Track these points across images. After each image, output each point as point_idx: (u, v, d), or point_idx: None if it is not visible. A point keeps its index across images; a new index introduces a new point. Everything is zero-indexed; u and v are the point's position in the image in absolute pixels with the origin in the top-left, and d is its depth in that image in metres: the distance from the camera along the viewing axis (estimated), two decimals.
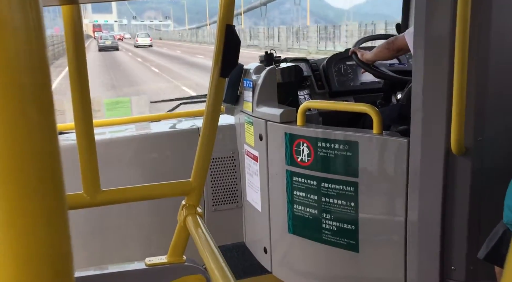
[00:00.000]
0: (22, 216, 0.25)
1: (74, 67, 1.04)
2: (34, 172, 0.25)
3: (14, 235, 0.25)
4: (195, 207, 1.18)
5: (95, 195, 1.10)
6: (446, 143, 1.12)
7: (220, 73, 1.11)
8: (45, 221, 0.26)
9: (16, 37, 0.23)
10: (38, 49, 0.24)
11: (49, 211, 0.26)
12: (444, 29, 1.09)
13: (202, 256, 0.98)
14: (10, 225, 0.24)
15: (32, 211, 0.25)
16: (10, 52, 0.23)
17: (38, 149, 0.25)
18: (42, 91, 0.25)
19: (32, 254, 0.25)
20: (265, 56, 1.94)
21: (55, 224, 0.26)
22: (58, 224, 0.26)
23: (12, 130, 0.24)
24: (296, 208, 1.56)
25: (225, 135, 1.94)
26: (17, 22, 0.23)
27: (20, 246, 0.25)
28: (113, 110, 2.84)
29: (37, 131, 0.25)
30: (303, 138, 1.49)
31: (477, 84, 1.09)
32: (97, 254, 1.91)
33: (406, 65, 2.15)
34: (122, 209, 1.82)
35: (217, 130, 1.17)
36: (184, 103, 2.46)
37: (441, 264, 1.21)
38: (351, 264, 1.47)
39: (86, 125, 1.07)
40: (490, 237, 0.98)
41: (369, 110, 1.36)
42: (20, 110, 0.24)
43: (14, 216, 0.24)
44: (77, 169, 1.08)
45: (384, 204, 1.36)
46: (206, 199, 1.97)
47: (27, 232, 0.25)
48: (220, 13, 1.07)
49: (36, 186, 0.25)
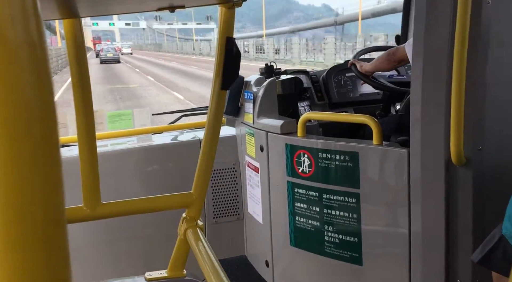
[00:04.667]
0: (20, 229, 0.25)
1: (77, 80, 1.05)
2: (34, 185, 0.25)
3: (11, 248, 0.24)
4: (196, 220, 1.17)
5: (95, 208, 1.09)
6: (446, 153, 1.12)
7: (221, 85, 1.11)
8: (43, 234, 0.25)
9: (18, 52, 0.23)
10: (40, 63, 0.25)
11: (47, 224, 0.26)
12: (443, 40, 1.10)
13: (203, 270, 0.97)
14: (7, 236, 0.24)
15: (31, 223, 0.25)
16: (12, 67, 0.24)
17: (40, 162, 0.25)
18: (45, 105, 0.25)
19: (29, 267, 0.25)
20: (265, 68, 1.95)
21: (53, 237, 0.26)
22: (56, 237, 0.26)
23: (14, 143, 0.24)
24: (298, 220, 1.55)
25: (226, 147, 1.94)
26: (19, 37, 0.23)
27: (17, 259, 0.25)
28: (115, 123, 2.85)
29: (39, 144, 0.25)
30: (304, 149, 1.49)
31: (476, 94, 1.09)
32: (96, 267, 1.89)
33: (405, 76, 2.16)
34: (122, 222, 1.81)
35: (218, 142, 1.17)
36: (186, 115, 2.47)
37: (446, 276, 1.20)
38: (354, 277, 1.45)
39: (88, 138, 1.08)
40: (486, 241, 0.97)
41: (368, 121, 1.37)
42: (23, 124, 0.24)
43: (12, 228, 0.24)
44: (77, 181, 1.08)
45: (386, 215, 1.35)
46: (207, 211, 1.96)
47: (24, 245, 0.25)
48: (220, 26, 1.09)
49: (36, 198, 0.25)
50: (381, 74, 2.03)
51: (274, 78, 1.80)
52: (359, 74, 1.89)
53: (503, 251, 0.92)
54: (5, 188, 0.24)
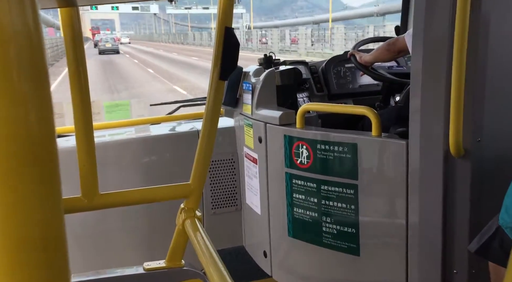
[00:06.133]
0: (18, 219, 0.24)
1: (73, 70, 1.04)
2: (31, 175, 0.25)
3: (9, 238, 0.24)
4: (194, 210, 1.17)
5: (93, 198, 1.09)
6: (445, 144, 1.12)
7: (220, 76, 1.11)
8: (41, 224, 0.25)
9: (15, 40, 0.23)
10: (36, 52, 0.24)
11: (45, 214, 0.26)
12: (443, 30, 1.09)
13: (201, 260, 0.97)
14: (4, 227, 0.24)
15: (28, 214, 0.25)
16: (9, 55, 0.23)
17: (36, 152, 0.25)
18: (41, 94, 0.25)
19: (28, 257, 0.25)
20: (264, 58, 1.94)
21: (51, 228, 0.26)
22: (54, 227, 0.26)
23: (10, 133, 0.24)
24: (296, 211, 1.56)
25: (225, 138, 1.93)
26: (16, 25, 0.23)
27: (15, 249, 0.24)
28: (113, 113, 2.84)
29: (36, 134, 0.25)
30: (302, 140, 1.49)
31: (476, 85, 1.09)
32: (95, 258, 1.90)
33: (405, 67, 2.15)
34: (120, 212, 1.82)
35: (217, 132, 1.17)
36: (184, 106, 2.46)
37: (443, 267, 1.21)
38: (352, 268, 1.46)
39: (85, 128, 1.07)
40: (483, 231, 0.98)
41: (367, 113, 1.36)
42: (19, 113, 0.24)
43: (10, 219, 0.24)
44: (75, 172, 1.08)
45: (384, 206, 1.36)
46: (205, 202, 1.96)
47: (22, 235, 0.25)
48: (219, 16, 1.07)
49: (33, 189, 0.25)
50: (381, 66, 2.02)
51: (273, 69, 1.79)
52: (358, 65, 1.88)
53: (500, 241, 0.93)
54: (1, 179, 0.24)
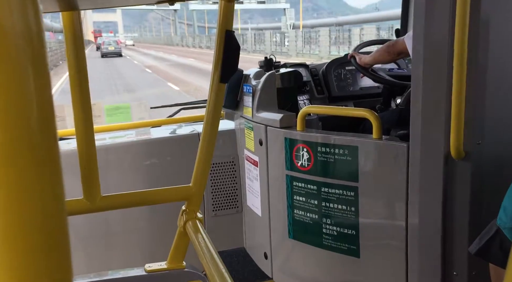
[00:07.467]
0: (20, 221, 0.25)
1: (74, 73, 1.05)
2: (33, 177, 0.25)
3: (11, 241, 0.25)
4: (195, 212, 1.17)
5: (95, 200, 1.10)
6: (446, 147, 1.12)
7: (220, 78, 1.11)
8: (43, 227, 0.26)
9: (17, 44, 0.23)
10: (38, 55, 0.25)
11: (48, 216, 0.26)
12: (443, 33, 1.10)
13: (202, 262, 0.97)
14: (7, 230, 0.24)
15: (31, 216, 0.25)
16: (11, 58, 0.23)
17: (38, 155, 0.25)
18: (43, 97, 0.25)
19: (29, 260, 0.25)
20: (264, 61, 1.95)
21: (53, 230, 0.26)
22: (56, 229, 0.26)
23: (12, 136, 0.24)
24: (296, 213, 1.56)
25: (225, 141, 1.94)
26: (18, 29, 0.23)
27: (17, 251, 0.25)
28: (113, 116, 2.85)
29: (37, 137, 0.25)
30: (303, 143, 1.49)
31: (476, 88, 1.09)
32: (96, 260, 1.90)
33: (405, 70, 2.15)
34: (122, 214, 1.82)
35: (217, 135, 1.17)
36: (184, 108, 2.46)
37: (443, 269, 1.21)
38: (352, 269, 1.46)
39: (86, 131, 1.08)
40: (483, 233, 0.98)
41: (368, 115, 1.37)
42: (20, 116, 0.24)
43: (12, 221, 0.25)
44: (77, 174, 1.08)
45: (384, 208, 1.36)
46: (206, 204, 1.96)
47: (24, 237, 0.25)
48: (219, 19, 1.08)
49: (35, 191, 0.25)
50: (381, 68, 2.03)
51: (273, 71, 1.79)
52: (358, 66, 1.89)
53: (499, 242, 0.93)
54: (4, 181, 0.24)
